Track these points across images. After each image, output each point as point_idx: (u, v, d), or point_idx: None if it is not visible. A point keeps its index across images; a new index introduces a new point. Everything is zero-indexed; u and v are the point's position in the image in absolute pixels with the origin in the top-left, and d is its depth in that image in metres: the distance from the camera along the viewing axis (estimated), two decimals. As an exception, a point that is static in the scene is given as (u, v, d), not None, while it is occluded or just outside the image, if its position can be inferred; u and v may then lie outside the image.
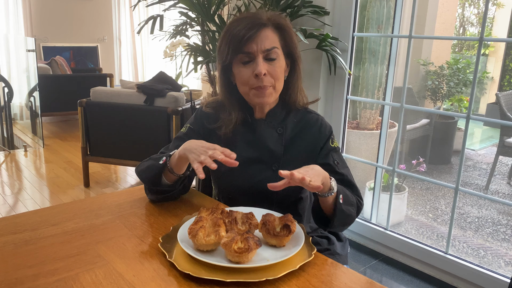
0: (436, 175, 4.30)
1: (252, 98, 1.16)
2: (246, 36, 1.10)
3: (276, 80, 1.15)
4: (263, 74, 1.11)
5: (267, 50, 1.12)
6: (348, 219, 1.13)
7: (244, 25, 1.11)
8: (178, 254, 0.93)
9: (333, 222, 1.10)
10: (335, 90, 2.45)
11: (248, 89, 1.16)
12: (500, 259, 2.66)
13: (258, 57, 1.12)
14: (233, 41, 1.12)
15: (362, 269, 2.30)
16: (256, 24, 1.12)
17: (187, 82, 5.52)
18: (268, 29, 1.13)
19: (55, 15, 5.65)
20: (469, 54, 7.22)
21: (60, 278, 0.85)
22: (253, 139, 1.23)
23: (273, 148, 1.22)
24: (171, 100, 3.09)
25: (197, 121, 1.28)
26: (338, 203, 1.07)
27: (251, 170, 1.22)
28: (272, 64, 1.13)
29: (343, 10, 2.33)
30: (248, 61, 1.13)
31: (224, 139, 1.25)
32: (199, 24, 2.43)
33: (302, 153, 1.22)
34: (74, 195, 3.23)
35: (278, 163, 1.21)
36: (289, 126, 1.23)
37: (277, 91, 1.17)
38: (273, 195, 1.22)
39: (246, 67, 1.14)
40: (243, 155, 1.23)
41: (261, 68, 1.11)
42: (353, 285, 0.87)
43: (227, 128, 1.22)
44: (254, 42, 1.11)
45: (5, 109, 4.58)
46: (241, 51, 1.12)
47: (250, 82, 1.14)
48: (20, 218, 1.11)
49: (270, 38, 1.13)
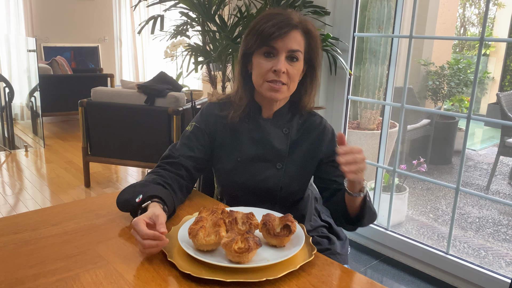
0: (436, 175, 4.30)
1: (264, 91, 1.17)
2: (276, 33, 1.12)
3: (292, 81, 1.17)
4: (282, 71, 1.13)
5: (292, 50, 1.14)
6: (374, 216, 1.15)
7: (277, 22, 1.13)
8: (178, 254, 0.93)
9: (363, 221, 1.12)
10: (336, 90, 2.45)
11: (262, 81, 1.17)
12: (501, 260, 2.66)
13: (281, 55, 1.14)
14: (262, 34, 1.14)
15: (363, 269, 2.30)
16: (288, 24, 1.14)
17: (187, 82, 5.52)
18: (298, 32, 1.16)
19: (56, 15, 5.66)
20: (469, 54, 7.22)
21: (60, 278, 0.85)
22: (259, 137, 1.24)
23: (278, 147, 1.23)
24: (171, 100, 3.09)
25: (202, 118, 1.28)
26: (368, 200, 1.09)
27: (255, 167, 1.23)
28: (292, 65, 1.15)
29: (343, 10, 2.33)
30: (270, 55, 1.15)
31: (230, 133, 1.25)
32: (200, 24, 2.43)
33: (305, 154, 1.24)
34: (75, 195, 3.23)
35: (283, 162, 1.22)
36: (294, 127, 1.25)
37: (289, 91, 1.19)
38: (276, 193, 1.23)
39: (267, 60, 1.15)
40: (248, 152, 1.24)
41: (281, 65, 1.13)
42: (354, 285, 0.87)
43: (236, 112, 1.23)
44: (282, 40, 1.13)
45: (6, 109, 4.59)
46: (268, 44, 1.14)
47: (267, 75, 1.15)
48: (20, 218, 1.11)
49: (298, 41, 1.15)
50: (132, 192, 1.11)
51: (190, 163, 1.23)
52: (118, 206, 1.13)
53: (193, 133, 1.26)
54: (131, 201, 1.08)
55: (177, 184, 1.18)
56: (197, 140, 1.25)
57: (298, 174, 1.24)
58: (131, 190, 1.12)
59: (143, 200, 1.07)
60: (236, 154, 1.24)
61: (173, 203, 1.12)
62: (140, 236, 0.92)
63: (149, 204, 1.05)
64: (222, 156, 1.27)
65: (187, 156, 1.23)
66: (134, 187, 1.12)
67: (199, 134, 1.26)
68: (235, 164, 1.24)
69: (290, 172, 1.23)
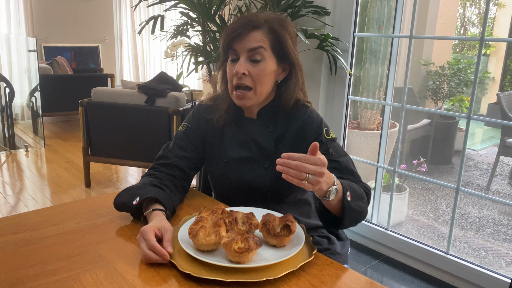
0: (437, 175, 4.30)
1: (234, 99, 1.18)
2: (234, 34, 1.12)
3: (258, 82, 1.14)
4: (241, 73, 1.12)
5: (251, 49, 1.12)
6: (359, 216, 1.06)
7: (239, 24, 1.13)
8: (179, 254, 0.93)
9: (344, 223, 1.04)
10: (336, 90, 2.45)
11: (231, 89, 1.17)
12: (501, 260, 2.66)
13: (242, 56, 1.13)
14: (225, 38, 1.14)
15: (363, 269, 2.30)
16: (248, 24, 1.13)
17: (188, 82, 5.52)
18: (259, 31, 1.13)
19: (56, 15, 5.66)
20: (470, 54, 7.22)
21: (60, 278, 0.86)
22: (244, 138, 1.24)
23: (264, 145, 1.22)
24: (172, 100, 3.09)
25: (194, 119, 1.29)
26: (346, 201, 1.00)
27: (243, 168, 1.23)
28: (255, 66, 1.13)
29: (343, 10, 2.33)
30: (235, 60, 1.15)
31: (218, 135, 1.26)
32: (200, 24, 2.43)
33: (291, 148, 1.20)
34: (75, 195, 3.23)
35: (270, 160, 1.22)
36: (279, 123, 1.23)
37: (258, 94, 1.16)
38: (266, 192, 1.22)
39: (232, 65, 1.15)
40: (234, 154, 1.24)
41: (240, 67, 1.12)
42: (354, 285, 0.87)
43: (219, 113, 1.23)
44: (241, 41, 1.12)
45: (7, 109, 4.59)
46: (231, 47, 1.14)
47: (233, 81, 1.15)
48: (21, 218, 1.11)
49: (258, 39, 1.12)
50: (129, 195, 1.11)
51: (184, 163, 1.24)
52: (116, 208, 1.14)
53: (185, 134, 1.27)
54: (128, 204, 1.09)
55: (173, 185, 1.19)
56: (189, 140, 1.26)
57: None
58: (128, 193, 1.12)
59: (140, 203, 1.07)
60: (223, 156, 1.25)
61: (172, 203, 1.13)
62: (147, 246, 0.91)
63: (151, 212, 1.05)
64: (212, 158, 1.28)
65: (181, 157, 1.24)
66: (131, 190, 1.12)
67: (191, 134, 1.27)
68: (223, 166, 1.25)
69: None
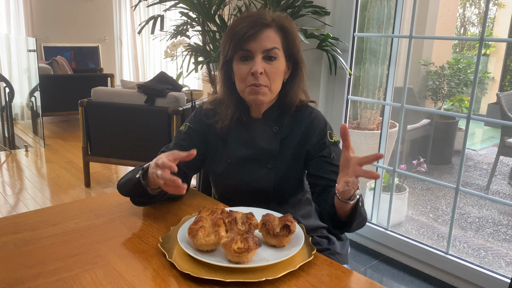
0: (436, 175, 4.30)
1: (247, 95, 1.17)
2: (247, 34, 1.11)
3: (272, 81, 1.15)
4: (259, 72, 1.12)
5: (266, 50, 1.13)
6: (364, 221, 1.10)
7: (247, 23, 1.12)
8: (178, 254, 0.93)
9: (352, 227, 1.06)
10: (336, 90, 2.45)
11: (244, 87, 1.16)
12: (501, 260, 2.66)
13: (257, 56, 1.12)
14: (235, 38, 1.13)
15: (363, 269, 2.30)
16: (259, 23, 1.12)
17: (187, 82, 5.53)
18: (271, 30, 1.14)
19: (56, 15, 5.66)
20: (470, 54, 7.22)
21: (60, 278, 0.86)
22: (249, 138, 1.24)
23: (268, 146, 1.22)
24: (171, 100, 3.09)
25: (196, 119, 1.29)
26: (359, 206, 1.02)
27: (246, 168, 1.23)
28: (270, 64, 1.14)
29: (343, 10, 2.33)
30: (247, 59, 1.14)
31: (221, 137, 1.25)
32: (200, 24, 2.43)
33: (295, 149, 1.22)
34: (75, 195, 3.23)
35: (273, 161, 1.22)
36: (284, 124, 1.23)
37: (272, 92, 1.17)
38: (269, 193, 1.22)
39: (244, 64, 1.14)
40: (238, 154, 1.23)
41: (258, 66, 1.12)
42: (353, 285, 0.87)
43: (223, 122, 1.23)
44: (255, 41, 1.12)
45: (6, 109, 4.59)
46: (241, 48, 1.13)
47: (247, 80, 1.15)
48: (20, 218, 1.11)
49: (272, 39, 1.14)
50: (131, 173, 1.15)
51: (184, 162, 1.23)
52: (121, 190, 1.17)
53: (187, 134, 1.27)
54: (132, 179, 1.11)
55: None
56: (190, 140, 1.26)
57: (290, 171, 1.22)
58: (130, 173, 1.17)
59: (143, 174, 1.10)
60: (226, 156, 1.25)
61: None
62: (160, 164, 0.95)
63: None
64: (214, 159, 1.28)
65: None
66: (132, 170, 1.17)
67: (193, 134, 1.27)
68: (226, 166, 1.25)
69: (281, 170, 1.21)
